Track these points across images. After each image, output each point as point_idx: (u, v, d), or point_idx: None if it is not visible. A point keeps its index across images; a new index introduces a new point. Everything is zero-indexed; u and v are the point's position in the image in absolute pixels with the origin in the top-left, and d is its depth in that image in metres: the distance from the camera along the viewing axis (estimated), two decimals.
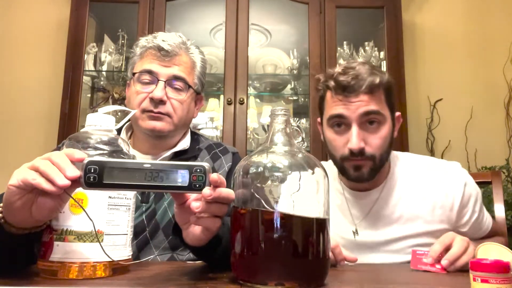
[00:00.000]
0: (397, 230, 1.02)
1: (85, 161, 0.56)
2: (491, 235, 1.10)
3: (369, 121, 0.96)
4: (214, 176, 0.58)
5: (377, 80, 0.94)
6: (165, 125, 1.00)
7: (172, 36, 1.04)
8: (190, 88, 1.04)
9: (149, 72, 1.01)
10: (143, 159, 1.04)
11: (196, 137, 1.14)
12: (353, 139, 0.94)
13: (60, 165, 0.55)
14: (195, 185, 0.57)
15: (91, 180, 0.55)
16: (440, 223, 1.00)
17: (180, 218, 0.66)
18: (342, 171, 1.01)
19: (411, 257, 0.84)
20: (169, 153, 1.04)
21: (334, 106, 0.97)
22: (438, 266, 0.80)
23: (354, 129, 0.94)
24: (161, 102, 0.99)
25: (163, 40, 1.01)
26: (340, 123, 0.97)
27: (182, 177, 0.57)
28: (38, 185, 0.54)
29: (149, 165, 0.57)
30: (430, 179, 1.02)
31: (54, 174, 0.54)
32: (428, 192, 1.02)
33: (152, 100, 0.99)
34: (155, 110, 0.99)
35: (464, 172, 1.04)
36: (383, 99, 0.97)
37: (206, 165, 0.58)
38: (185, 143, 1.08)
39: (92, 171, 0.55)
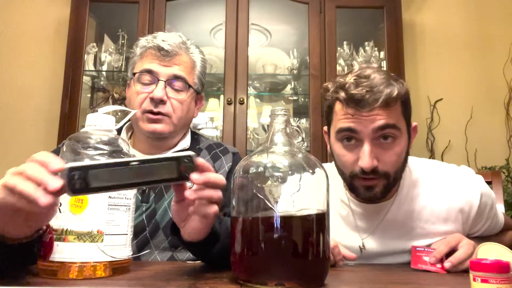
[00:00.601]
0: (406, 244, 0.95)
1: (67, 167, 0.51)
2: (502, 229, 1.07)
3: (383, 136, 0.85)
4: (200, 160, 0.59)
5: (395, 92, 0.83)
6: (165, 127, 1.00)
7: (172, 36, 1.05)
8: (190, 88, 1.04)
9: (149, 72, 1.01)
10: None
11: (196, 137, 1.14)
12: (365, 157, 0.83)
13: (38, 180, 0.50)
14: (185, 175, 0.57)
15: (77, 186, 0.51)
16: (451, 234, 0.92)
17: (178, 215, 0.66)
18: (352, 189, 0.92)
19: (411, 254, 0.84)
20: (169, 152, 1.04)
21: (344, 119, 0.86)
22: (438, 266, 0.80)
23: (366, 146, 0.84)
24: (161, 102, 0.99)
25: (163, 40, 1.01)
26: (350, 137, 0.87)
27: (171, 169, 0.56)
28: (22, 208, 0.51)
29: (136, 162, 0.55)
30: (443, 193, 0.95)
31: (34, 194, 0.49)
32: (441, 206, 0.94)
33: (152, 100, 0.99)
34: (155, 110, 0.99)
35: (479, 181, 0.96)
36: (400, 112, 0.87)
37: (192, 153, 0.58)
38: (185, 143, 1.08)
39: (76, 177, 0.50)
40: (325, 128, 0.99)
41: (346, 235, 1.00)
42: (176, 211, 0.66)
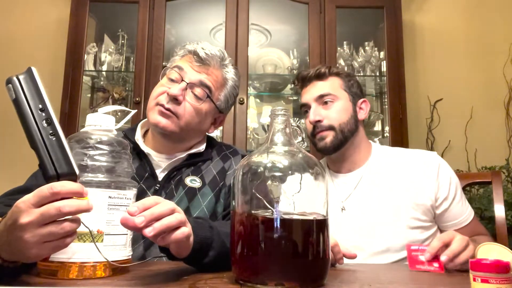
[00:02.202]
0: (382, 203, 1.13)
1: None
2: (475, 233, 1.13)
3: (324, 102, 1.20)
4: (130, 209, 0.58)
5: (322, 69, 1.23)
6: (170, 124, 0.99)
7: (213, 48, 1.06)
8: (211, 101, 1.04)
9: (178, 67, 1.02)
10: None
11: (212, 142, 1.15)
12: (311, 115, 1.20)
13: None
14: None
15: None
16: (421, 198, 1.11)
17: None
18: (314, 146, 1.23)
19: (406, 254, 0.84)
20: (184, 154, 1.05)
21: (301, 98, 1.26)
22: (435, 265, 0.79)
23: (312, 108, 1.20)
24: (176, 100, 0.99)
25: (202, 48, 1.03)
26: (307, 110, 1.23)
27: None
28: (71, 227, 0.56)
29: None
30: (408, 160, 1.18)
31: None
32: (407, 170, 1.15)
33: (168, 95, 0.99)
34: (166, 106, 0.99)
35: (440, 158, 1.19)
36: (337, 85, 1.22)
37: None
38: (200, 147, 1.08)
39: None
40: None
41: (328, 203, 1.05)
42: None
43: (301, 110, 1.27)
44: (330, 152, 1.20)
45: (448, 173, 1.15)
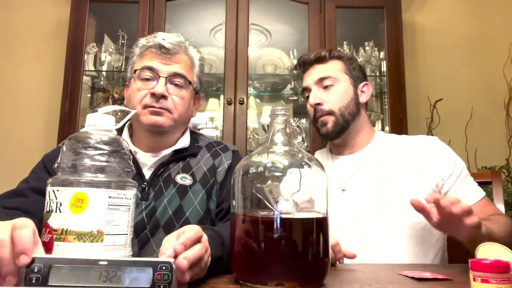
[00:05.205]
0: (383, 185, 1.13)
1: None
2: (486, 214, 1.05)
3: (324, 85, 1.20)
4: (181, 263, 0.53)
5: (323, 53, 1.23)
6: (165, 120, 1.02)
7: (172, 35, 1.07)
8: (190, 84, 1.06)
9: (150, 68, 1.02)
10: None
11: (195, 136, 1.15)
12: (311, 98, 1.20)
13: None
14: (159, 286, 0.50)
15: (33, 281, 0.47)
16: (425, 179, 1.10)
17: None
18: (317, 130, 1.24)
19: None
20: (169, 151, 1.05)
21: (303, 82, 1.27)
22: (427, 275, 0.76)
23: (312, 90, 1.21)
24: (162, 97, 1.01)
25: (163, 39, 1.04)
26: (308, 94, 1.23)
27: (144, 277, 0.50)
28: None
29: (105, 263, 0.49)
30: (411, 144, 1.18)
31: None
32: (410, 153, 1.15)
33: (153, 95, 1.00)
34: (157, 106, 1.00)
35: (442, 142, 1.21)
36: (338, 68, 1.22)
37: (171, 260, 0.52)
38: (185, 141, 1.09)
39: (36, 270, 0.47)
40: None
41: (329, 184, 1.03)
42: None
43: (303, 94, 1.28)
44: (333, 137, 1.22)
45: (450, 154, 1.16)
